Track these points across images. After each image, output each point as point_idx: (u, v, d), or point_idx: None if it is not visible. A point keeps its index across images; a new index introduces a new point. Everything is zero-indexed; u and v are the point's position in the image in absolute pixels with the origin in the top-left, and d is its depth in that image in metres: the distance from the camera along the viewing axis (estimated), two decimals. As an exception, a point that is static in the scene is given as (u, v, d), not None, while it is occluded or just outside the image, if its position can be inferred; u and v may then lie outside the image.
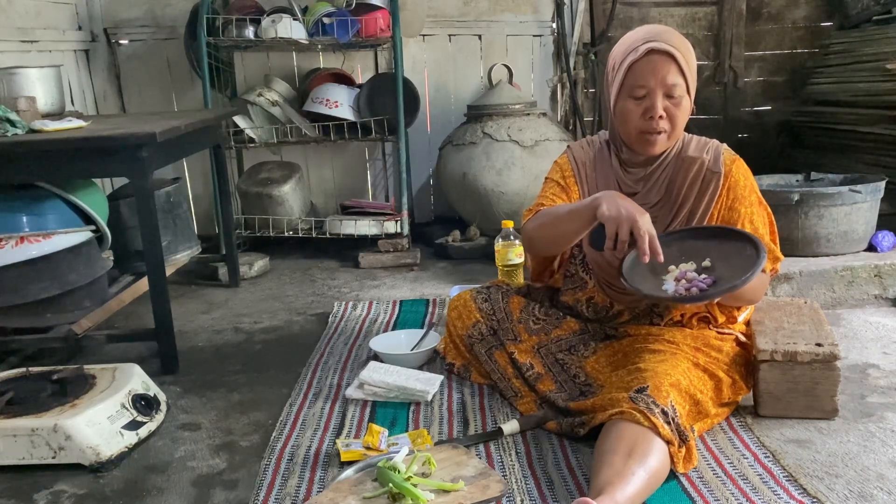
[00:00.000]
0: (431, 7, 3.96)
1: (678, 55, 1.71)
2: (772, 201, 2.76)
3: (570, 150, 2.00)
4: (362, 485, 1.47)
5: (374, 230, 3.52)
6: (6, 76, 2.59)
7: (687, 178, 1.81)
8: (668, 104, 1.73)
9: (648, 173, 1.85)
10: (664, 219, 1.83)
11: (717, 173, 1.79)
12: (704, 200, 1.80)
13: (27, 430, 1.74)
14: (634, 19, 4.20)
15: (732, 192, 1.80)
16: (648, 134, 1.76)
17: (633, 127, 1.77)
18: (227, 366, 2.39)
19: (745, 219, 1.79)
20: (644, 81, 1.72)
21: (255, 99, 3.58)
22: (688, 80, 1.73)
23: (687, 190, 1.81)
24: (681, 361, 1.69)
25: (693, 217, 1.81)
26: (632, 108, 1.76)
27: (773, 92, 4.34)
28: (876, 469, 1.59)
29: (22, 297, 2.29)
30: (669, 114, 1.74)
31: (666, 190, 1.84)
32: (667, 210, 1.83)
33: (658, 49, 1.71)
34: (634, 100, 1.75)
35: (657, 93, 1.72)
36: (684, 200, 1.81)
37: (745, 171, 1.82)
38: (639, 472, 1.42)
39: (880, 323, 2.47)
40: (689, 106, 1.76)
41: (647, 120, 1.74)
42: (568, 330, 1.97)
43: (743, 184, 1.80)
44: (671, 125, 1.75)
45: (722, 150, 1.84)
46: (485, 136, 3.48)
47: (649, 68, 1.71)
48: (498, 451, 1.73)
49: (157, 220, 2.27)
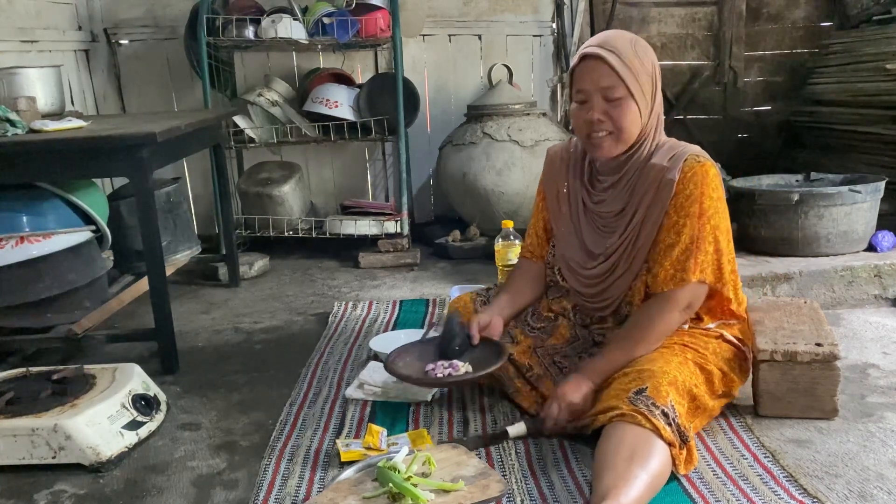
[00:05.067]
0: (431, 7, 3.96)
1: (611, 58, 1.71)
2: (772, 201, 2.81)
3: (547, 160, 2.06)
4: (362, 485, 1.47)
5: (374, 230, 3.52)
6: (6, 76, 2.59)
7: (646, 185, 1.78)
8: (607, 107, 1.73)
9: (616, 181, 1.84)
10: (620, 226, 1.82)
11: (670, 181, 1.73)
12: (657, 209, 1.75)
13: (27, 430, 1.74)
14: (634, 19, 4.20)
15: (677, 199, 1.72)
16: (592, 137, 1.77)
17: (581, 131, 1.80)
18: (227, 366, 2.39)
19: (671, 229, 1.73)
20: (581, 86, 1.77)
21: (255, 99, 3.58)
22: (628, 84, 1.71)
23: (643, 198, 1.78)
24: (672, 357, 1.69)
25: (644, 225, 1.77)
26: (577, 114, 1.79)
27: (773, 92, 4.34)
28: (876, 469, 1.59)
29: (22, 297, 2.29)
30: (611, 116, 1.73)
31: (629, 197, 1.81)
32: (622, 218, 1.82)
33: (590, 54, 1.74)
34: (578, 105, 1.79)
35: (594, 96, 1.74)
36: (638, 208, 1.78)
37: (699, 180, 1.71)
38: (641, 475, 1.42)
39: (880, 323, 2.47)
40: (635, 109, 1.73)
41: (588, 124, 1.76)
42: (560, 339, 1.97)
43: (689, 192, 1.71)
44: (616, 128, 1.74)
45: (687, 156, 1.75)
46: (485, 136, 3.48)
47: (584, 73, 1.75)
48: (498, 451, 1.73)
49: (157, 220, 2.27)
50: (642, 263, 1.79)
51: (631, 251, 1.80)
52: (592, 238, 1.89)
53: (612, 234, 1.84)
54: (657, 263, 1.75)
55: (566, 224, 1.95)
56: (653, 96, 1.78)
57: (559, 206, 1.97)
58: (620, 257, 1.81)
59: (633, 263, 1.79)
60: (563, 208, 1.96)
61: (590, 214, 1.90)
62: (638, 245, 1.79)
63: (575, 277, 1.93)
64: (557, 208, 1.98)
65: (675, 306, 1.73)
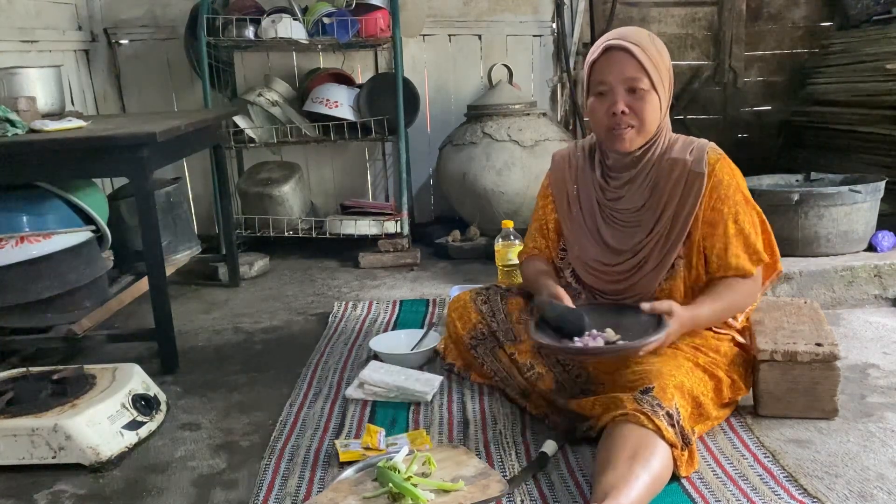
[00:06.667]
0: (431, 7, 3.96)
1: (636, 50, 1.72)
2: (772, 201, 2.80)
3: (552, 163, 2.04)
4: (362, 485, 1.47)
5: (374, 230, 3.52)
6: (6, 76, 2.59)
7: (670, 180, 1.79)
8: (631, 99, 1.74)
9: (633, 177, 1.84)
10: (648, 222, 1.82)
11: (700, 174, 1.76)
12: (688, 203, 1.77)
13: (27, 430, 1.74)
14: (634, 19, 4.20)
15: (715, 192, 1.77)
16: (615, 130, 1.77)
17: (601, 124, 1.80)
18: (227, 366, 2.39)
19: (729, 218, 1.76)
20: (603, 77, 1.76)
21: (255, 99, 3.58)
22: (651, 76, 1.73)
23: (671, 192, 1.79)
24: (683, 362, 1.69)
25: (677, 219, 1.78)
26: (597, 106, 1.79)
27: (773, 92, 4.34)
28: (876, 469, 1.59)
29: (22, 297, 2.29)
30: (634, 109, 1.74)
31: (650, 193, 1.82)
32: (651, 213, 1.82)
33: (614, 45, 1.74)
34: (598, 97, 1.78)
35: (617, 88, 1.74)
36: (668, 203, 1.79)
37: (729, 170, 1.79)
38: (642, 475, 1.42)
39: (880, 323, 2.47)
40: (657, 102, 1.75)
41: (610, 116, 1.76)
42: None
43: (727, 182, 1.77)
44: (638, 120, 1.75)
45: (707, 149, 1.81)
46: (485, 136, 3.48)
47: (607, 65, 1.75)
48: (498, 451, 1.73)
49: (157, 220, 2.27)
50: (675, 258, 1.79)
51: (664, 246, 1.80)
52: (614, 235, 1.87)
53: (637, 230, 1.83)
54: (725, 255, 1.76)
55: (579, 226, 1.93)
56: (670, 91, 1.80)
57: (569, 208, 1.96)
58: (651, 252, 1.81)
59: (664, 258, 1.79)
60: (574, 210, 1.95)
61: (606, 212, 1.89)
62: (671, 239, 1.79)
63: (597, 277, 1.90)
64: (567, 211, 1.96)
65: (756, 284, 1.80)
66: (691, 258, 1.80)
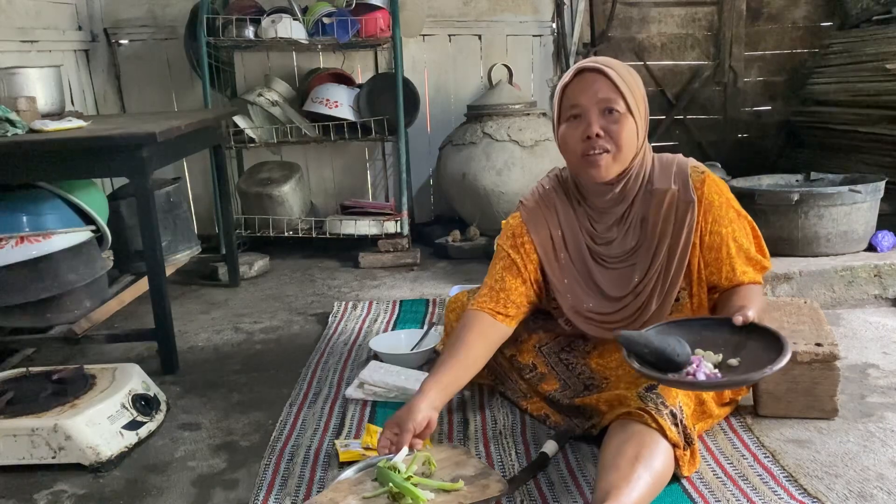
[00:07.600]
0: (431, 7, 3.96)
1: (610, 72, 1.64)
2: (772, 201, 2.81)
3: (524, 208, 1.85)
4: (362, 485, 1.47)
5: (374, 230, 3.52)
6: (6, 76, 2.59)
7: (660, 213, 1.70)
8: (606, 122, 1.64)
9: (620, 217, 1.75)
10: (644, 263, 1.72)
11: (689, 202, 1.68)
12: (683, 234, 1.68)
13: (27, 430, 1.74)
14: (634, 19, 4.20)
15: (709, 214, 1.69)
16: (589, 155, 1.66)
17: (574, 152, 1.68)
18: (227, 366, 2.39)
19: (729, 239, 1.70)
20: (576, 100, 1.66)
21: (255, 99, 3.58)
22: (627, 99, 1.64)
23: (663, 226, 1.70)
24: None
25: (674, 253, 1.70)
26: (570, 133, 1.68)
27: (773, 92, 4.34)
28: (876, 469, 1.59)
29: (22, 297, 2.29)
30: (610, 132, 1.64)
31: (641, 230, 1.73)
32: (645, 252, 1.72)
33: (588, 67, 1.67)
34: (571, 122, 1.68)
35: (592, 110, 1.64)
36: (661, 238, 1.70)
37: (717, 188, 1.71)
38: (644, 475, 1.42)
39: (880, 323, 2.47)
40: (633, 127, 1.66)
41: (585, 141, 1.65)
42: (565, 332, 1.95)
43: (718, 203, 1.70)
44: (614, 145, 1.65)
45: (689, 171, 1.72)
46: (485, 136, 3.48)
47: (580, 87, 1.66)
48: (498, 451, 1.73)
49: (157, 220, 2.27)
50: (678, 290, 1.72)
51: (664, 283, 1.71)
52: (609, 279, 1.76)
53: (633, 270, 1.74)
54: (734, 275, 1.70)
55: (569, 272, 1.79)
56: (646, 120, 1.72)
57: (556, 254, 1.80)
58: (652, 292, 1.72)
59: (667, 295, 1.71)
60: (562, 255, 1.80)
61: (597, 257, 1.78)
62: (671, 274, 1.71)
63: (597, 327, 1.78)
64: (554, 257, 1.80)
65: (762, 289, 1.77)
66: (692, 287, 1.75)
